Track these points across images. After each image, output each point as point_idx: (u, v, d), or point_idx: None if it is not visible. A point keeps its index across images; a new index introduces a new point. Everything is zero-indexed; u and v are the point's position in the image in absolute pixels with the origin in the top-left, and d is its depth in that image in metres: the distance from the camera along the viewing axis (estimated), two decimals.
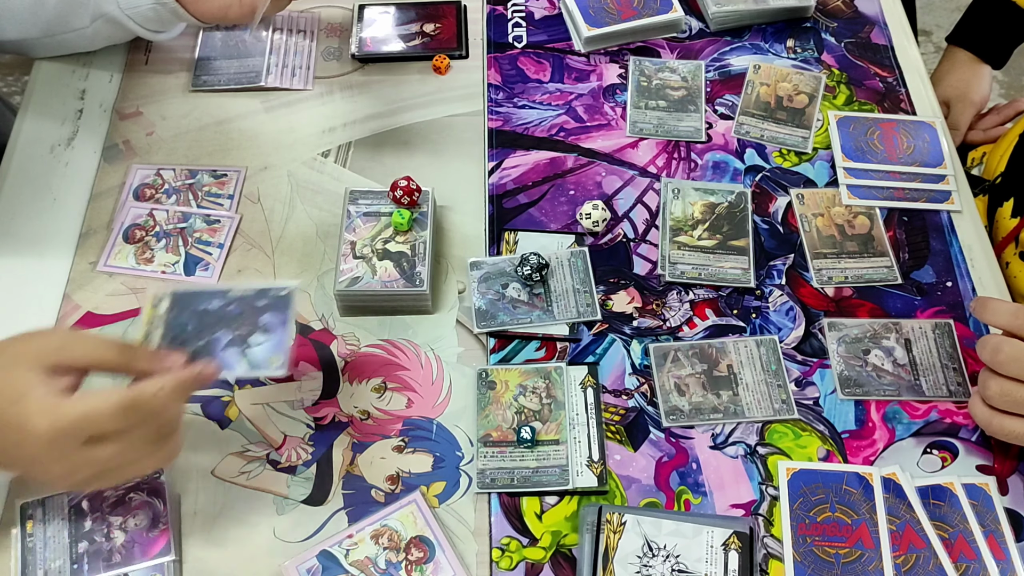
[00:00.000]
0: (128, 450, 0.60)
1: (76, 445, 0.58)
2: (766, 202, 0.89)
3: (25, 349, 0.61)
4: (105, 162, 0.90)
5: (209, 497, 0.71)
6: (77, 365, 0.61)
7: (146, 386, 0.60)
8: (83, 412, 0.58)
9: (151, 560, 0.67)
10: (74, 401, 0.58)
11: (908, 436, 0.75)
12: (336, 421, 0.75)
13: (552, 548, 0.69)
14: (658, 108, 0.94)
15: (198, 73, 0.96)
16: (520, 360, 0.78)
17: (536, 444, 0.73)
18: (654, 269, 0.84)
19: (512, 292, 0.81)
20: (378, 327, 0.80)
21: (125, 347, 0.63)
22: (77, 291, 0.81)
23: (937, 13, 2.25)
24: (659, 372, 0.78)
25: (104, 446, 0.59)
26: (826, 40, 1.01)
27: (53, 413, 0.57)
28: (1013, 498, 0.72)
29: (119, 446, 0.59)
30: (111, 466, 0.60)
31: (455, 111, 0.94)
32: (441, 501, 0.71)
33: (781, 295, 0.83)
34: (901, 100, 0.97)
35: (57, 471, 0.60)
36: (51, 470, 0.60)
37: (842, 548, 0.69)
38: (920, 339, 0.80)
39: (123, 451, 0.60)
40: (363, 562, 0.68)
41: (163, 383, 0.60)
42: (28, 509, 0.69)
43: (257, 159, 0.90)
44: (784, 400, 0.76)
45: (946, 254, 0.86)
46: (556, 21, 1.02)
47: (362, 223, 0.82)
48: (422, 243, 0.81)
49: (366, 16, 1.01)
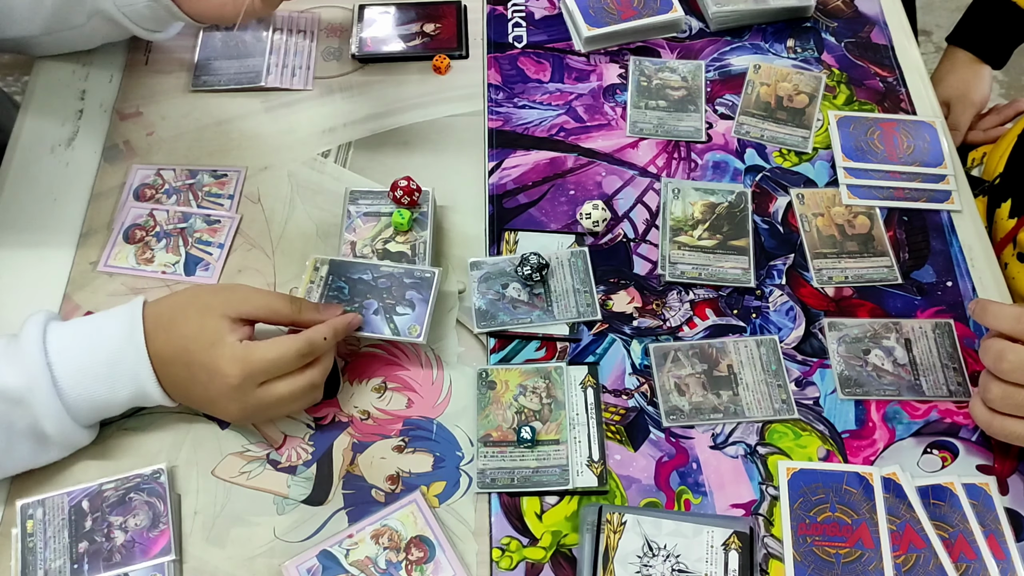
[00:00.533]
0: (295, 392, 0.69)
1: (256, 385, 0.68)
2: (766, 202, 0.89)
3: (215, 300, 0.70)
4: (105, 162, 0.90)
5: (209, 497, 0.71)
6: (256, 316, 0.71)
7: (316, 333, 0.70)
8: (270, 357, 0.68)
9: (151, 560, 0.67)
10: (263, 347, 0.68)
11: (908, 436, 0.75)
12: (336, 421, 0.75)
13: (552, 548, 0.69)
14: (658, 108, 0.94)
15: (198, 73, 0.96)
16: (520, 360, 0.78)
17: (536, 444, 0.73)
18: (654, 269, 0.84)
19: (512, 292, 0.81)
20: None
21: (294, 299, 0.72)
22: (77, 291, 0.81)
23: (937, 13, 2.25)
24: (659, 372, 0.78)
25: (278, 386, 0.69)
26: (826, 40, 1.01)
27: (244, 360, 0.67)
28: (1013, 498, 0.72)
29: (289, 387, 0.69)
30: (279, 405, 0.70)
31: (455, 111, 0.94)
32: (441, 501, 0.71)
33: (781, 295, 0.83)
34: (901, 100, 0.97)
35: (235, 408, 0.69)
36: (230, 407, 0.69)
37: (842, 548, 0.69)
38: (920, 339, 0.80)
39: (292, 392, 0.69)
40: (363, 562, 0.68)
41: (327, 331, 0.71)
42: (28, 509, 0.69)
43: (257, 159, 0.90)
44: (784, 400, 0.76)
45: (946, 254, 0.86)
46: (556, 21, 1.02)
47: (362, 223, 0.82)
48: (422, 243, 0.81)
49: (366, 16, 1.01)
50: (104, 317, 0.70)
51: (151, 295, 0.81)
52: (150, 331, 0.69)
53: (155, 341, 0.68)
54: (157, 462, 0.71)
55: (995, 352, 0.68)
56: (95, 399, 0.68)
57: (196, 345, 0.68)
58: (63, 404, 0.67)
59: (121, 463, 0.71)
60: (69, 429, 0.68)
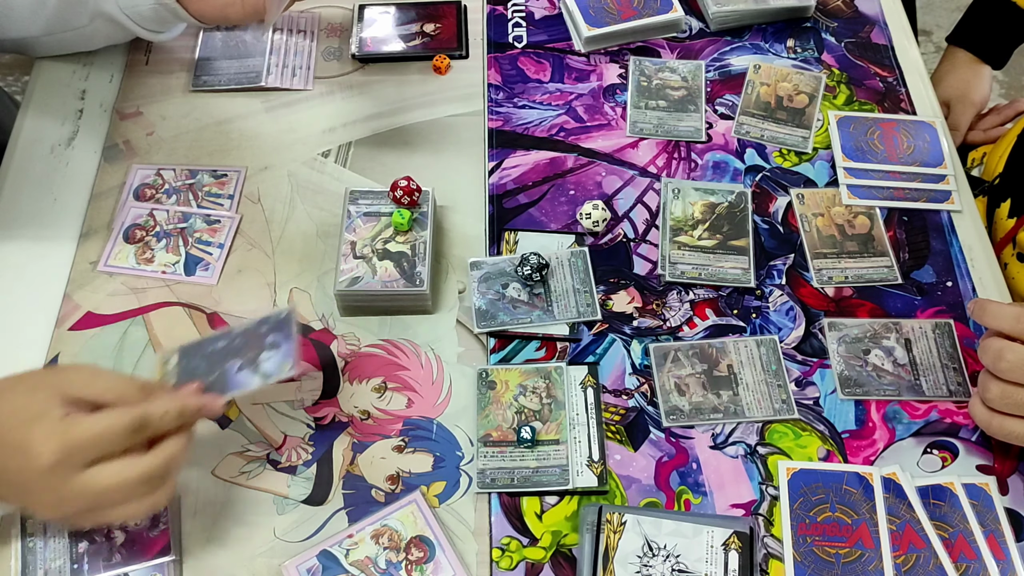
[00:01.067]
0: (122, 483, 0.58)
1: (78, 469, 0.57)
2: (766, 202, 0.89)
3: (50, 379, 0.61)
4: (105, 162, 0.90)
5: (209, 497, 0.71)
6: (102, 400, 0.60)
7: (155, 406, 0.60)
8: (94, 431, 0.57)
9: (151, 560, 0.67)
10: (84, 420, 0.57)
11: (908, 436, 0.75)
12: (336, 421, 0.75)
13: (552, 548, 0.69)
14: (658, 108, 0.94)
15: (198, 73, 0.96)
16: (520, 360, 0.78)
17: (536, 444, 0.73)
18: (654, 269, 0.84)
19: (512, 292, 0.81)
20: (378, 327, 0.80)
21: (144, 384, 0.63)
22: (77, 291, 0.81)
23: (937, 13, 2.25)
24: (659, 372, 0.78)
25: (101, 473, 0.58)
26: (826, 40, 1.01)
27: (64, 434, 0.56)
28: (1013, 498, 0.72)
29: (115, 476, 0.58)
30: (103, 501, 0.59)
31: (455, 111, 0.94)
32: (441, 501, 0.71)
33: (781, 295, 0.83)
34: (901, 100, 0.97)
35: (49, 500, 0.58)
36: (43, 498, 0.58)
37: (842, 548, 0.69)
38: (920, 339, 0.80)
39: (118, 483, 0.58)
40: (363, 562, 0.68)
41: (169, 406, 0.61)
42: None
43: (257, 159, 0.90)
44: (784, 400, 0.76)
45: (946, 254, 0.86)
46: (556, 21, 1.02)
47: (362, 223, 0.82)
48: (422, 243, 0.81)
49: (366, 16, 1.01)
50: None
51: (151, 295, 0.81)
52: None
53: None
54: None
55: (994, 351, 0.68)
56: None
57: (11, 422, 0.57)
58: None
59: None
60: None
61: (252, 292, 0.82)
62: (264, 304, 0.81)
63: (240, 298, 0.81)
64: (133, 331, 0.79)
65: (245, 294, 0.82)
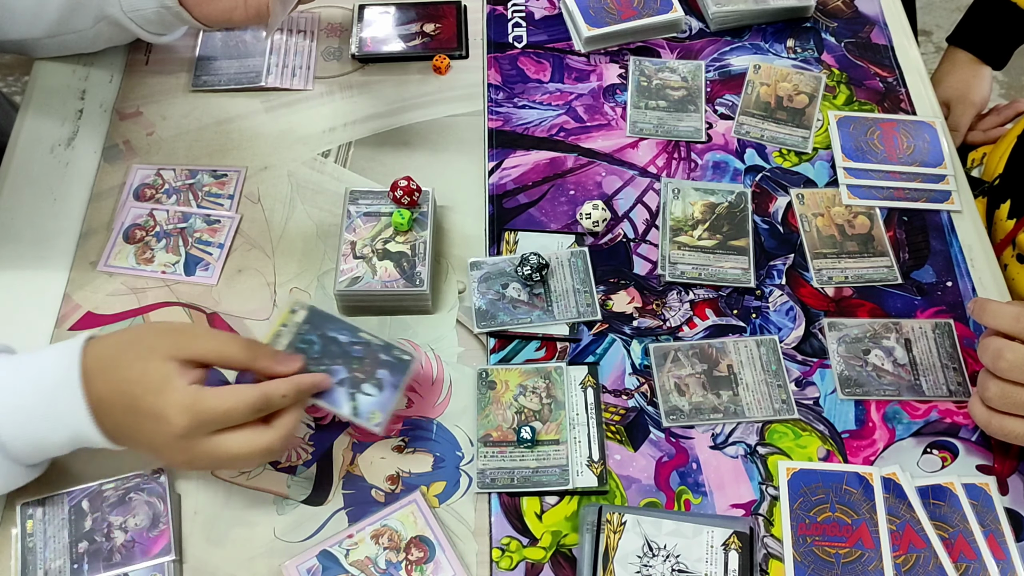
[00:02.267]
0: (245, 445, 0.64)
1: (205, 435, 0.63)
2: (766, 202, 0.89)
3: (160, 341, 0.65)
4: (105, 162, 0.90)
5: (209, 497, 0.71)
6: (207, 359, 0.65)
7: (275, 388, 0.65)
8: (223, 408, 0.62)
9: (151, 560, 0.67)
10: (214, 396, 0.63)
11: (908, 436, 0.75)
12: (336, 421, 0.75)
13: (552, 548, 0.69)
14: (658, 108, 0.94)
15: (198, 73, 0.96)
16: (520, 360, 0.78)
17: (536, 444, 0.73)
18: (654, 269, 0.84)
19: (512, 292, 0.81)
20: (378, 327, 0.80)
21: (250, 344, 0.67)
22: (77, 291, 0.81)
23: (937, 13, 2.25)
24: (659, 372, 0.78)
25: (227, 441, 0.63)
26: (826, 40, 1.01)
27: (193, 408, 0.62)
28: (1013, 498, 0.72)
29: (240, 445, 0.63)
30: (228, 458, 0.64)
31: (455, 111, 0.94)
32: (441, 501, 0.71)
33: (781, 295, 0.83)
34: (901, 100, 0.97)
35: (181, 459, 0.65)
36: (176, 457, 0.65)
37: (842, 548, 0.69)
38: (920, 339, 0.80)
39: (241, 445, 0.64)
40: (363, 562, 0.68)
41: (287, 388, 0.65)
42: (28, 509, 0.69)
43: (257, 159, 0.90)
44: (784, 400, 0.76)
45: (946, 254, 0.86)
46: (556, 21, 1.02)
47: (362, 223, 0.82)
48: (422, 243, 0.81)
49: (366, 16, 1.01)
50: (43, 353, 0.66)
51: (151, 295, 0.81)
52: (91, 371, 0.64)
53: (95, 383, 0.64)
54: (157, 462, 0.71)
55: (993, 350, 0.68)
56: (34, 438, 0.64)
57: (140, 389, 0.62)
58: None
59: (121, 463, 0.71)
60: (5, 468, 0.65)
61: (252, 292, 0.82)
62: (264, 304, 0.81)
63: (240, 298, 0.81)
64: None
65: (245, 294, 0.82)
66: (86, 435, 0.65)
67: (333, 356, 0.70)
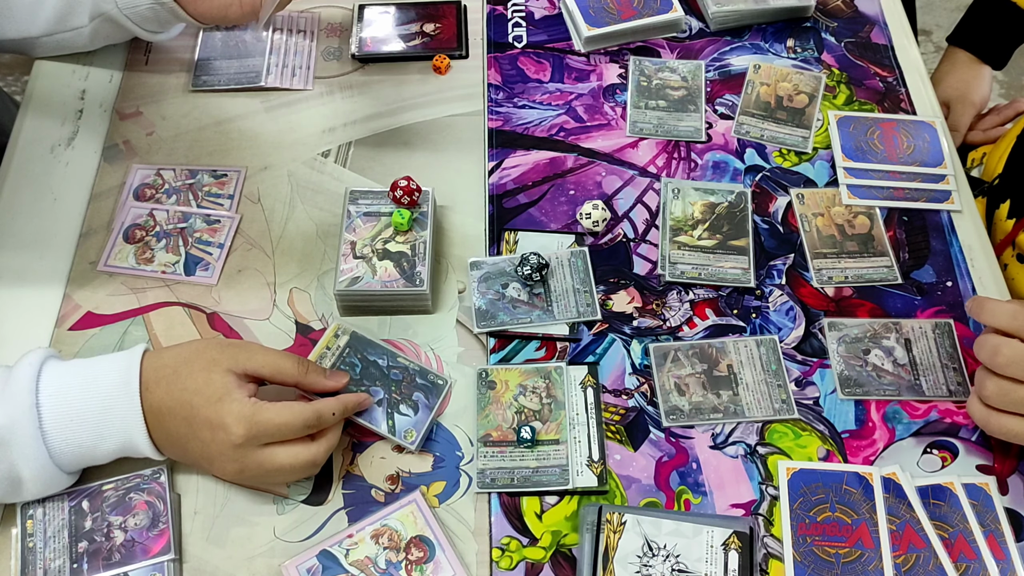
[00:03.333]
0: (292, 457, 0.67)
1: (257, 447, 0.66)
2: (766, 202, 0.89)
3: (221, 355, 0.67)
4: (105, 162, 0.90)
5: (209, 497, 0.71)
6: (261, 373, 0.68)
7: (327, 406, 0.68)
8: (279, 422, 0.65)
9: (151, 560, 0.67)
10: (271, 410, 0.66)
11: (908, 436, 0.75)
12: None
13: (552, 548, 0.69)
14: (658, 108, 0.94)
15: (198, 73, 0.96)
16: (520, 360, 0.78)
17: (536, 444, 0.73)
18: (654, 269, 0.84)
19: (512, 292, 0.81)
20: (378, 327, 0.80)
21: (302, 361, 0.70)
22: (77, 291, 0.81)
23: (937, 13, 2.25)
24: (659, 372, 0.78)
25: (278, 453, 0.66)
26: (826, 40, 1.01)
27: (250, 419, 0.65)
28: (1013, 498, 0.72)
29: (290, 458, 0.67)
30: (277, 470, 0.67)
31: (455, 111, 0.94)
32: (441, 501, 0.71)
33: (781, 295, 0.83)
34: (901, 100, 0.97)
35: (233, 468, 0.67)
36: (228, 466, 0.67)
37: (842, 548, 0.69)
38: (920, 339, 0.80)
39: (289, 458, 0.67)
40: (363, 562, 0.68)
41: (337, 406, 0.69)
42: (28, 509, 0.69)
43: (257, 159, 0.90)
44: (784, 400, 0.76)
45: (946, 254, 0.86)
46: (556, 21, 1.02)
47: (362, 223, 0.82)
48: (422, 243, 0.81)
49: (366, 16, 1.01)
50: (101, 362, 0.68)
51: (151, 295, 0.81)
52: (148, 382, 0.67)
53: (153, 393, 0.66)
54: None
55: (991, 347, 0.68)
56: (81, 446, 0.66)
57: (200, 399, 0.65)
58: (46, 448, 0.65)
59: (121, 463, 0.71)
60: (48, 475, 0.66)
61: (252, 292, 0.82)
62: (264, 304, 0.81)
63: (240, 298, 0.81)
64: (133, 331, 0.79)
65: (245, 294, 0.82)
66: (135, 444, 0.67)
67: (373, 378, 0.75)
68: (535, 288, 0.81)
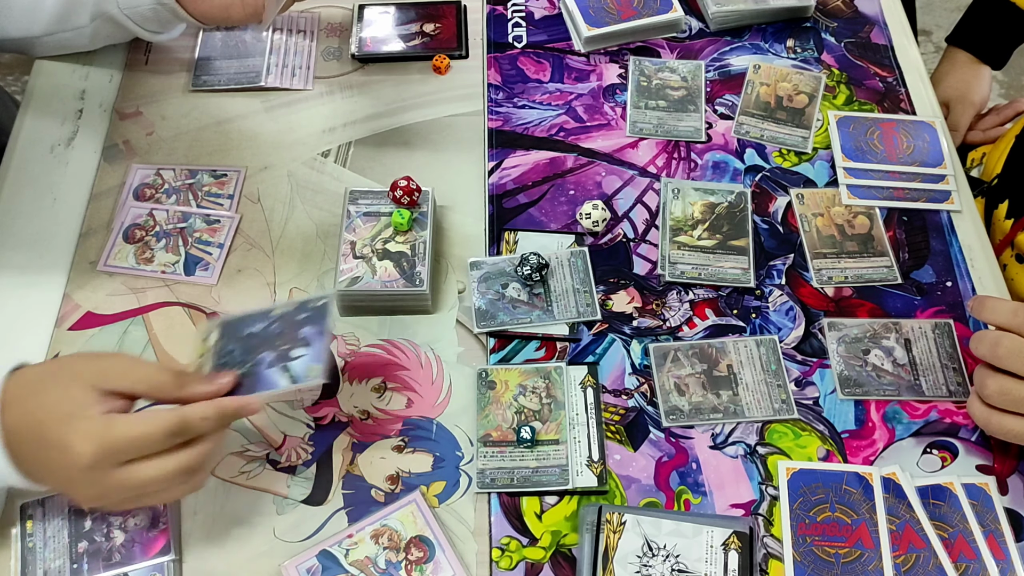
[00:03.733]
0: (161, 477, 0.59)
1: (115, 466, 0.58)
2: (766, 202, 0.89)
3: (85, 368, 0.61)
4: (105, 162, 0.90)
5: (209, 497, 0.71)
6: (135, 391, 0.61)
7: (193, 411, 0.60)
8: (133, 435, 0.58)
9: (151, 560, 0.67)
10: (124, 422, 0.58)
11: (908, 436, 0.75)
12: (336, 421, 0.75)
13: (552, 548, 0.69)
14: (658, 108, 0.94)
15: (198, 73, 0.96)
16: (520, 360, 0.78)
17: (536, 444, 0.73)
18: (654, 269, 0.84)
19: (512, 292, 0.81)
20: (378, 327, 0.80)
21: (179, 374, 0.63)
22: (77, 291, 0.81)
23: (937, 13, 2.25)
24: (659, 372, 0.78)
25: (140, 469, 0.59)
26: (826, 40, 1.01)
27: (101, 437, 0.57)
28: (1013, 498, 0.72)
29: (155, 471, 0.59)
30: (142, 492, 0.60)
31: (455, 111, 0.94)
32: (441, 501, 0.71)
33: (781, 295, 0.83)
34: (901, 100, 0.97)
35: (90, 493, 0.60)
36: (84, 492, 0.60)
37: (842, 548, 0.69)
38: (920, 339, 0.80)
39: (157, 477, 0.59)
40: (363, 562, 0.68)
41: (208, 411, 0.61)
42: (28, 509, 0.69)
43: (257, 159, 0.90)
44: (784, 400, 0.76)
45: (946, 254, 0.86)
46: (556, 21, 1.02)
47: (362, 223, 0.82)
48: (422, 243, 0.81)
49: (366, 16, 1.01)
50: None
51: (151, 295, 0.81)
52: (8, 401, 0.59)
53: (10, 414, 0.59)
54: None
55: (991, 339, 0.69)
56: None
57: (51, 417, 0.58)
58: None
59: None
60: None
61: (252, 292, 0.82)
62: (264, 304, 0.81)
63: (240, 298, 0.81)
64: (133, 331, 0.79)
65: (245, 294, 0.82)
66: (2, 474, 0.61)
67: (256, 348, 0.67)
68: (535, 288, 0.81)
